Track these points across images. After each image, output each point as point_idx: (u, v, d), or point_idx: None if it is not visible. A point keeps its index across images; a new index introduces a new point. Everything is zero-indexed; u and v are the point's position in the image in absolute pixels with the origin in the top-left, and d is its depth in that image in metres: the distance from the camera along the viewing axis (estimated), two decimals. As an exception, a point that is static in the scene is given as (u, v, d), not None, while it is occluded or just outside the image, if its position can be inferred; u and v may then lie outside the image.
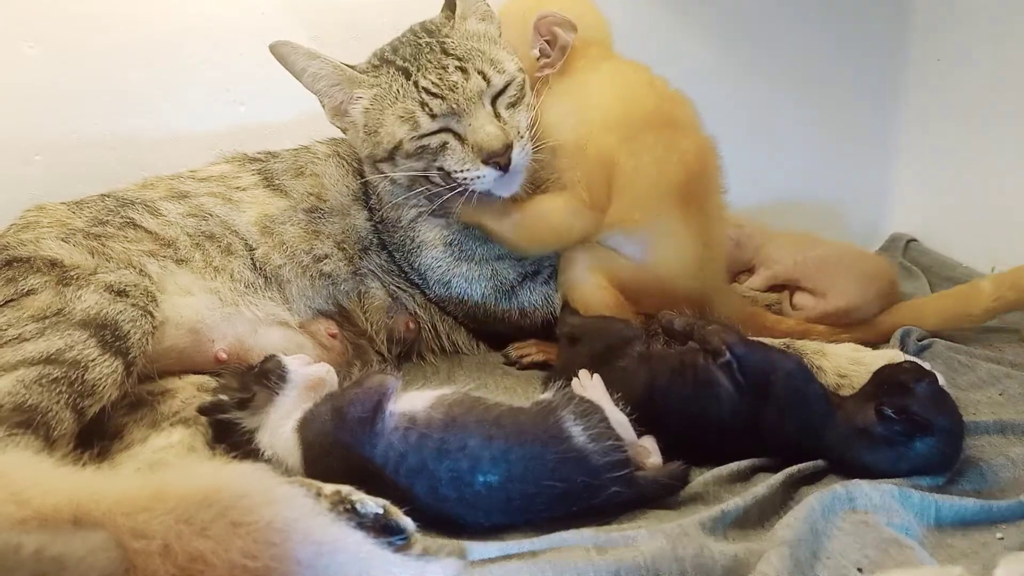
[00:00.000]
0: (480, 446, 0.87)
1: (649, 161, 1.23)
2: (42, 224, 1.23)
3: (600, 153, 1.24)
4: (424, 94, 1.22)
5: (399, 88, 1.25)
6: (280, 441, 0.95)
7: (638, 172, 1.23)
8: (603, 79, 1.30)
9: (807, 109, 2.05)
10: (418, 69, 1.24)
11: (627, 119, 1.25)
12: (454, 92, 1.21)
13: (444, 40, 1.27)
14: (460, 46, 1.26)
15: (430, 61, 1.24)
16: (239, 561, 0.66)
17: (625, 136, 1.24)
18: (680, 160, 1.25)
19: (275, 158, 1.44)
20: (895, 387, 0.96)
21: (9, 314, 1.05)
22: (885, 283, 1.49)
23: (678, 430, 1.00)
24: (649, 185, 1.24)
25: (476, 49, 1.26)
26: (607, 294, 1.26)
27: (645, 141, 1.24)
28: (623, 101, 1.28)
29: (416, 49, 1.27)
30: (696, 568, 0.77)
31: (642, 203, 1.24)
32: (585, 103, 1.28)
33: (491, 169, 1.21)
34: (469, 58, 1.24)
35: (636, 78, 1.32)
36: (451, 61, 1.24)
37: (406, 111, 1.24)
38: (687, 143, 1.27)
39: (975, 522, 0.89)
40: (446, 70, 1.23)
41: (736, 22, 1.96)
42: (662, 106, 1.29)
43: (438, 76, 1.22)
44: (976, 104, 1.86)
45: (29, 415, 0.92)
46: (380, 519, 0.81)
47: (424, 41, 1.28)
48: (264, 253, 1.30)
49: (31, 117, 1.60)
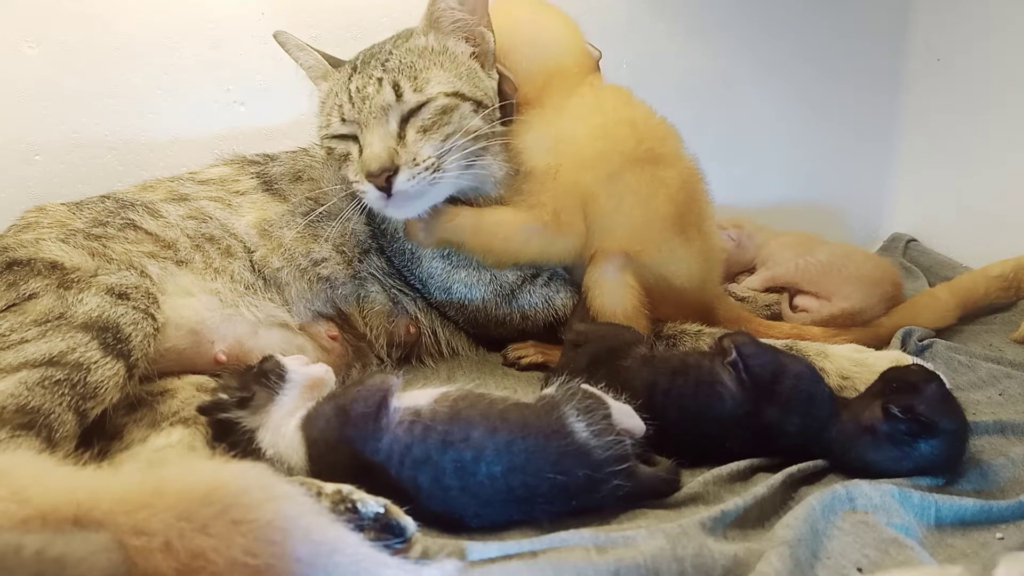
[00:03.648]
0: (484, 437, 0.87)
1: (634, 202, 1.24)
2: (42, 225, 1.23)
3: (574, 185, 1.23)
4: (345, 96, 1.23)
5: (339, 87, 1.26)
6: (283, 439, 0.95)
7: (623, 212, 1.24)
8: (579, 113, 1.27)
9: (807, 109, 2.06)
10: (359, 72, 1.24)
11: (604, 159, 1.24)
12: (363, 102, 1.21)
13: (393, 49, 1.26)
14: (398, 57, 1.24)
15: (368, 66, 1.24)
16: (240, 558, 0.67)
17: (603, 176, 1.23)
18: (666, 195, 1.26)
19: (273, 161, 1.45)
20: (903, 388, 0.96)
21: (11, 319, 1.05)
22: (889, 285, 1.49)
23: (679, 429, 1.00)
24: (640, 222, 1.25)
25: (408, 64, 1.23)
26: (632, 294, 1.25)
27: (627, 182, 1.24)
28: (600, 140, 1.25)
29: (370, 54, 1.28)
30: (696, 568, 0.77)
31: (638, 236, 1.25)
32: (558, 135, 1.26)
33: (372, 187, 1.19)
34: (394, 70, 1.22)
35: (615, 116, 1.28)
36: (377, 70, 1.23)
37: (331, 108, 1.26)
38: (670, 176, 1.27)
39: (975, 522, 0.89)
40: (370, 78, 1.22)
41: (736, 22, 1.96)
42: (642, 145, 1.26)
43: (362, 82, 1.22)
44: (976, 104, 1.86)
45: (32, 417, 0.92)
46: (381, 518, 0.81)
47: (381, 47, 1.28)
48: (263, 256, 1.30)
49: (31, 117, 1.60)
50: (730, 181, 1.37)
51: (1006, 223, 1.77)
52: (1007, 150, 1.77)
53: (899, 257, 1.91)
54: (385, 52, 1.26)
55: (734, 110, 1.97)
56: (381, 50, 1.27)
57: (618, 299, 1.25)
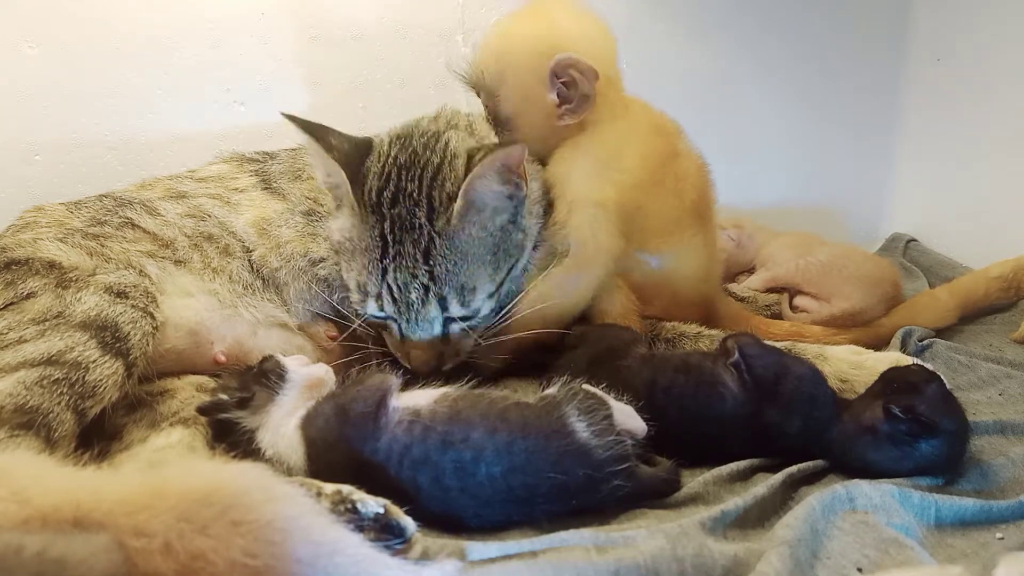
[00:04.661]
0: (484, 437, 0.87)
1: (666, 197, 1.25)
2: (40, 225, 1.22)
3: (628, 204, 1.21)
4: (384, 289, 1.16)
5: (371, 255, 1.17)
6: (283, 439, 0.95)
7: (659, 212, 1.24)
8: (624, 136, 1.24)
9: (807, 109, 2.06)
10: (391, 259, 1.15)
11: (650, 173, 1.23)
12: (408, 308, 1.16)
13: (435, 237, 1.14)
14: (443, 256, 1.14)
15: (404, 257, 1.14)
16: (240, 559, 0.66)
17: (649, 186, 1.23)
18: (690, 185, 1.27)
19: (273, 159, 1.44)
20: (903, 388, 0.97)
21: (9, 318, 1.04)
22: (888, 286, 1.49)
23: (679, 429, 1.00)
24: (671, 216, 1.26)
25: (453, 271, 1.14)
26: (620, 294, 1.26)
27: (664, 183, 1.24)
28: (646, 158, 1.23)
29: (403, 227, 1.14)
30: (696, 568, 0.77)
31: (667, 231, 1.26)
32: (609, 163, 1.22)
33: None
34: (440, 279, 1.14)
35: (648, 127, 1.27)
36: (421, 272, 1.14)
37: (363, 286, 1.19)
38: (690, 167, 1.29)
39: (975, 522, 0.89)
40: (413, 278, 1.14)
41: (735, 23, 1.96)
42: (669, 143, 1.28)
43: (403, 279, 1.15)
44: (976, 104, 1.86)
45: (30, 416, 0.92)
46: (381, 519, 0.81)
47: (413, 221, 1.14)
48: (261, 255, 1.29)
49: (31, 117, 1.60)
50: (730, 181, 1.37)
51: (1006, 223, 1.77)
52: (1007, 150, 1.77)
53: (899, 257, 1.91)
54: (424, 238, 1.14)
55: (734, 110, 1.97)
56: (417, 234, 1.14)
57: (609, 299, 1.26)
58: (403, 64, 1.75)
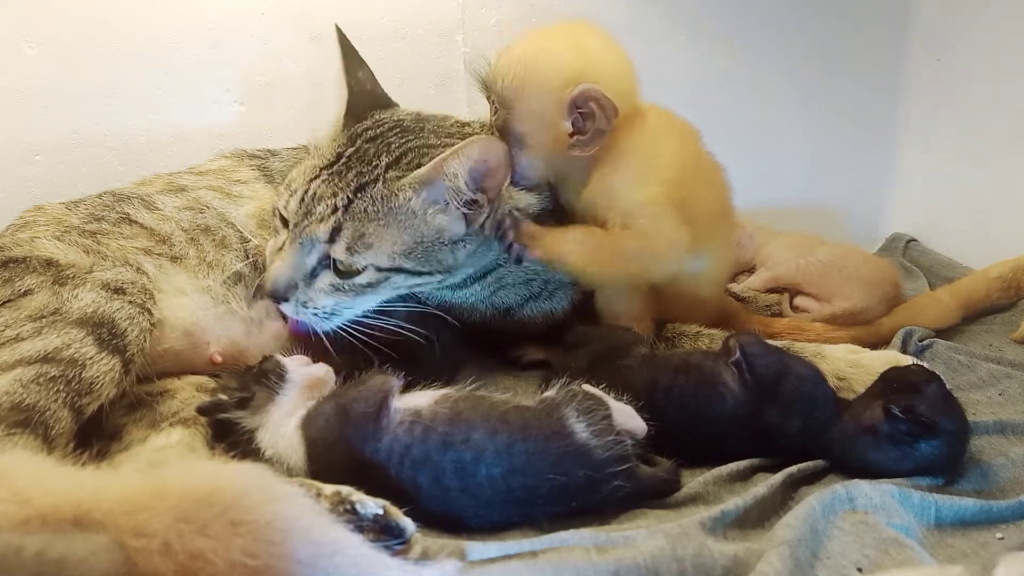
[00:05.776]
0: (484, 438, 0.88)
1: (703, 195, 1.25)
2: (38, 223, 1.22)
3: (674, 197, 1.20)
4: (304, 189, 1.13)
5: (318, 162, 1.16)
6: (283, 439, 0.95)
7: (695, 209, 1.23)
8: (652, 140, 1.22)
9: (807, 109, 2.05)
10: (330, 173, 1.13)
11: (684, 170, 1.22)
12: (305, 217, 1.11)
13: (378, 181, 1.11)
14: (371, 199, 1.10)
15: (340, 178, 1.13)
16: (239, 559, 0.67)
17: (687, 182, 1.22)
18: (719, 183, 1.29)
19: (275, 156, 1.44)
20: (903, 388, 0.97)
21: (6, 315, 1.04)
22: (889, 286, 1.49)
23: (679, 429, 1.00)
24: (709, 215, 1.26)
25: (368, 217, 1.10)
26: (637, 297, 1.27)
27: (696, 180, 1.25)
28: (678, 154, 1.23)
29: (360, 159, 1.14)
30: (696, 568, 0.77)
31: (703, 230, 1.24)
32: (647, 165, 1.21)
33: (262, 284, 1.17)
34: (351, 214, 1.10)
35: (672, 129, 1.26)
36: (341, 194, 1.10)
37: (292, 184, 1.16)
38: (712, 166, 1.30)
39: (975, 522, 0.89)
40: (331, 197, 1.10)
41: (735, 23, 1.96)
42: (694, 144, 1.28)
43: (321, 191, 1.11)
44: (976, 104, 1.86)
45: (27, 414, 0.92)
46: (380, 519, 0.81)
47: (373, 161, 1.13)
48: (257, 245, 1.28)
49: (31, 117, 1.59)
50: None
51: (1006, 223, 1.77)
52: (1007, 150, 1.77)
53: (899, 257, 1.91)
54: (372, 167, 1.12)
55: (734, 111, 1.97)
56: (375, 158, 1.13)
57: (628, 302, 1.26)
58: (403, 64, 1.75)
